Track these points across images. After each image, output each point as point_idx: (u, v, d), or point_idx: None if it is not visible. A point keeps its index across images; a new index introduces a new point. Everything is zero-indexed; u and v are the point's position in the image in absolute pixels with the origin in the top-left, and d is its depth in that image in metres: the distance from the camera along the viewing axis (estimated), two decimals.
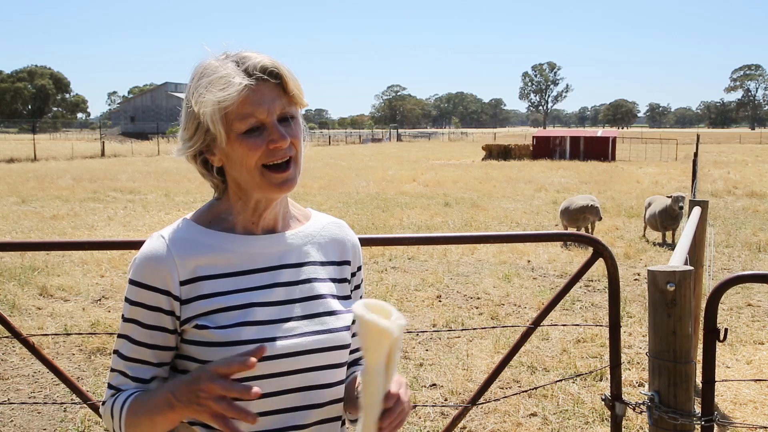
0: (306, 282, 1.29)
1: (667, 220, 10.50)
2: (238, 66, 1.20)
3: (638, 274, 8.40)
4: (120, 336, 1.26)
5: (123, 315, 1.26)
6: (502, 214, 13.73)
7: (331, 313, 1.29)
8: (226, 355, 1.19)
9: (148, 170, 26.48)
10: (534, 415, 4.32)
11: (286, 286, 1.27)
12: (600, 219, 10.70)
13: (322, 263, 1.34)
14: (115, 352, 1.26)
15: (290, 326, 1.24)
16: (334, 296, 1.32)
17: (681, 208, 10.17)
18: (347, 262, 1.39)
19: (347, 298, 1.37)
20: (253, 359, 1.07)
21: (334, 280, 1.35)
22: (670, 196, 10.56)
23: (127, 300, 1.24)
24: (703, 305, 2.15)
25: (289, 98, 1.22)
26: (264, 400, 1.19)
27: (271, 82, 1.20)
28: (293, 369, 1.23)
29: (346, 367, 1.33)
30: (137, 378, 1.24)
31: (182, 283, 1.22)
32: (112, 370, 1.26)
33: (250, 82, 1.18)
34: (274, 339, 1.22)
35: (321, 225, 1.38)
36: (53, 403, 4.39)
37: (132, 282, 1.23)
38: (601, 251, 2.35)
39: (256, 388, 1.07)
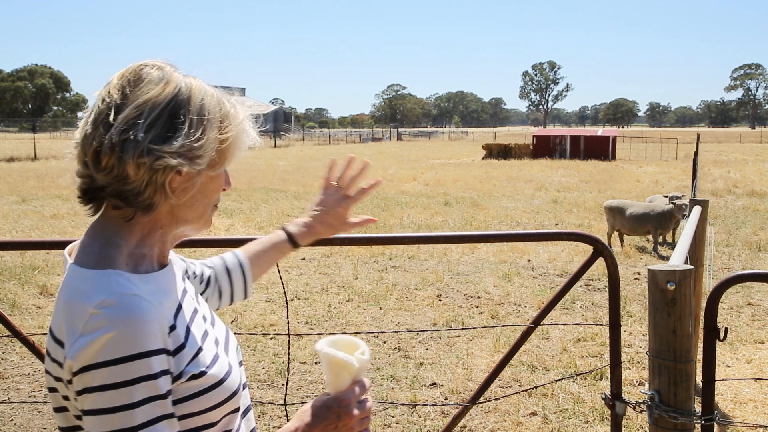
0: (201, 300, 1.29)
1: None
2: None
3: (638, 273, 8.41)
4: (142, 426, 0.98)
5: (131, 402, 0.97)
6: (502, 214, 13.73)
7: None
8: (222, 394, 1.11)
9: None
10: (534, 414, 4.33)
11: (202, 308, 1.25)
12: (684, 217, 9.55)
13: (184, 279, 1.32)
14: None
15: (231, 343, 1.26)
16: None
17: (685, 215, 10.13)
18: (193, 274, 1.44)
19: None
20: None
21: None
22: (667, 196, 10.57)
23: (129, 382, 0.97)
24: (704, 304, 2.15)
25: None
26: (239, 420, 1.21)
27: None
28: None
29: None
30: None
31: (168, 335, 1.06)
32: None
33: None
34: (235, 359, 1.24)
35: None
36: None
37: (129, 358, 0.97)
38: (601, 250, 2.35)
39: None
